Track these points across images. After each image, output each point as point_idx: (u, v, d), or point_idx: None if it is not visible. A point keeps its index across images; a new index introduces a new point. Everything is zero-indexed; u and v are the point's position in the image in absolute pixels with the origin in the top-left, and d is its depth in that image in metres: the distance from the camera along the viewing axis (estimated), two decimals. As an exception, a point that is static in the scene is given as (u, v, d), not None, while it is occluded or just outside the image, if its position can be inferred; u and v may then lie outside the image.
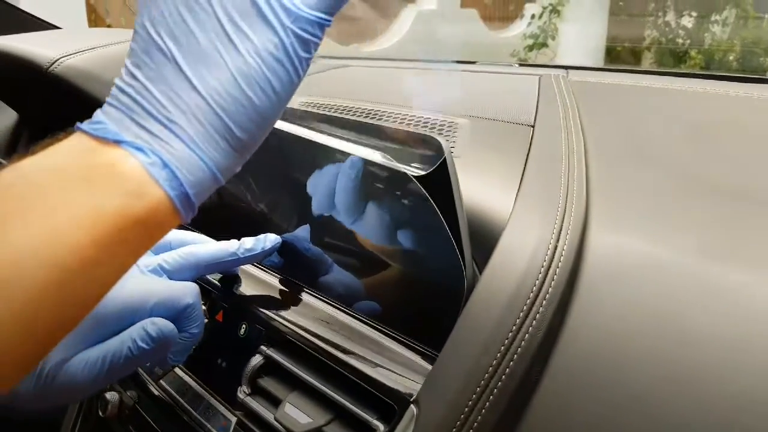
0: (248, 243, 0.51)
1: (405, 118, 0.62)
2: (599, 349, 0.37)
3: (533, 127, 0.56)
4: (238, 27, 0.28)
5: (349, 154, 0.46)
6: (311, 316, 0.50)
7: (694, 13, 5.20)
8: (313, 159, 0.51)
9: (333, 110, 0.69)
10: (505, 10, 7.55)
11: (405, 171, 0.43)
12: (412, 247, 0.45)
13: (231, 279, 0.56)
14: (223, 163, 0.29)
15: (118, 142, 0.27)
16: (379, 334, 0.47)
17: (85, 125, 0.28)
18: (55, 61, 0.77)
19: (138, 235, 0.28)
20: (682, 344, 0.35)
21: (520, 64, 0.92)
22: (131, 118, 0.28)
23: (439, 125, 0.60)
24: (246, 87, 0.28)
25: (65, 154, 0.28)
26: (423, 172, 0.43)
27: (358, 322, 0.48)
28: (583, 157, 0.50)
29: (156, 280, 0.46)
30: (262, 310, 0.52)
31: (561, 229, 0.41)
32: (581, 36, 5.29)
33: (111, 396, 0.57)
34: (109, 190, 0.27)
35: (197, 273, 0.49)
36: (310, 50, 0.29)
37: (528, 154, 0.51)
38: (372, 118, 0.64)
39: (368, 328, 0.47)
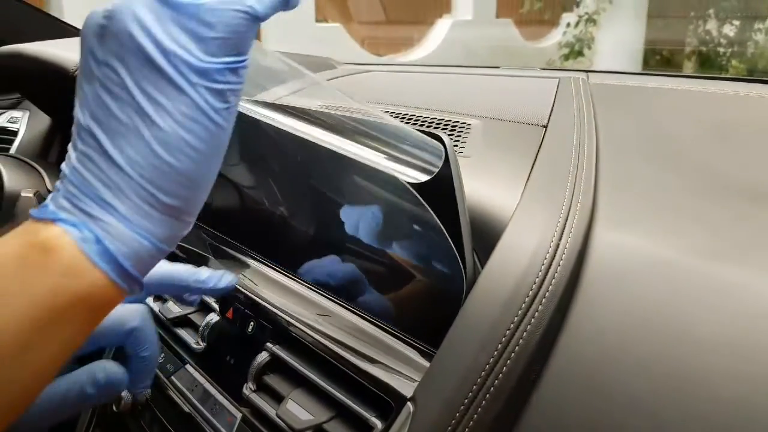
0: (203, 274, 0.48)
1: (419, 119, 0.62)
2: (600, 350, 0.36)
3: (546, 127, 0.56)
4: (151, 97, 0.28)
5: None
6: (316, 313, 0.50)
7: (735, 22, 5.09)
8: (322, 162, 0.51)
9: (349, 112, 0.69)
10: (541, 20, 7.49)
11: (408, 175, 0.43)
12: (412, 245, 0.45)
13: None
14: (161, 231, 0.29)
15: (54, 221, 0.28)
16: (380, 331, 0.47)
17: (33, 210, 0.29)
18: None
19: (79, 314, 0.28)
20: (685, 346, 0.34)
21: (543, 69, 0.91)
22: (68, 199, 0.28)
23: (452, 126, 0.59)
24: (165, 153, 0.28)
25: (11, 237, 0.28)
26: (427, 176, 0.42)
27: (360, 319, 0.48)
28: (594, 155, 0.49)
29: None
30: (269, 307, 0.52)
31: (564, 227, 0.41)
32: (618, 45, 5.22)
33: (125, 392, 0.58)
34: (41, 270, 0.27)
35: (143, 295, 0.48)
36: (228, 99, 0.29)
37: (537, 153, 0.50)
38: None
39: (370, 325, 0.47)
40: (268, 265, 0.58)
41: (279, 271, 0.57)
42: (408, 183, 0.42)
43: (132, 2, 0.28)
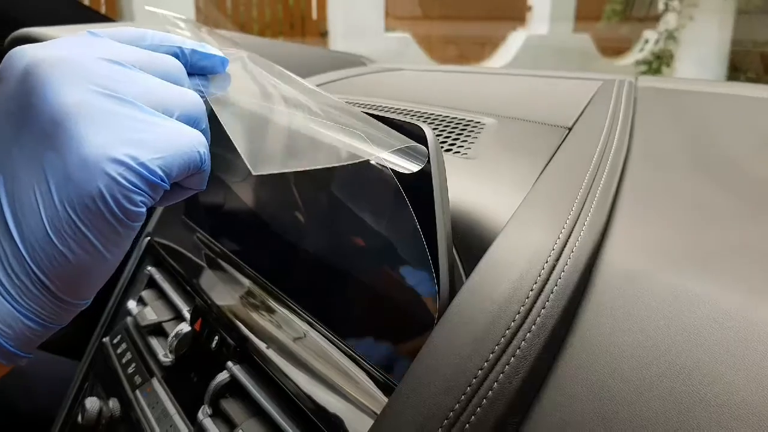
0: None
1: (429, 117, 0.55)
2: (592, 410, 0.28)
3: (570, 129, 0.47)
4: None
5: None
6: (283, 333, 0.44)
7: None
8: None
9: (363, 108, 0.63)
10: (621, 35, 7.23)
11: (386, 165, 0.36)
12: (382, 255, 0.38)
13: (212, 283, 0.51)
14: (48, 314, 0.26)
15: None
16: (347, 359, 0.39)
17: None
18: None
19: None
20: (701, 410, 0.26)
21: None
22: None
23: (464, 124, 0.52)
24: (57, 241, 0.25)
25: None
26: (406, 169, 0.35)
27: (329, 343, 0.41)
28: (621, 164, 0.41)
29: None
30: (235, 322, 0.46)
31: (564, 247, 0.33)
32: (700, 64, 4.96)
33: (91, 403, 0.53)
34: None
35: None
36: (138, 204, 0.26)
37: (551, 158, 0.42)
38: (399, 115, 0.58)
39: (337, 351, 0.40)
40: (251, 278, 0.52)
41: (254, 280, 0.51)
42: (392, 174, 0.35)
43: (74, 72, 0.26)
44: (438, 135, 0.51)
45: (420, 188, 0.35)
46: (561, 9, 7.38)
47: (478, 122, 0.52)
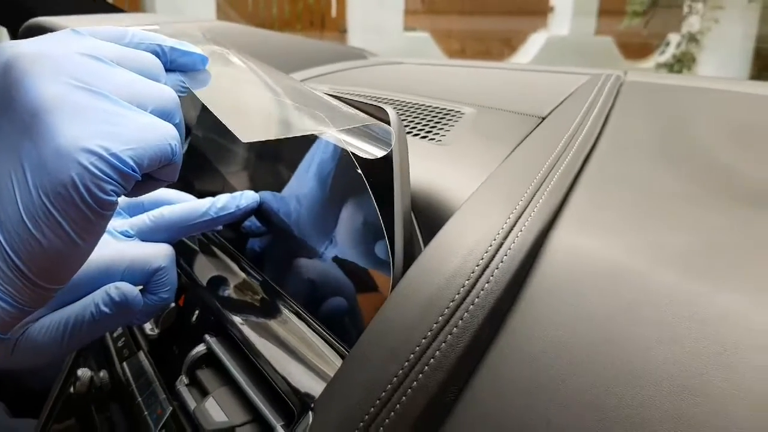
0: (221, 201, 0.47)
1: (414, 105, 0.57)
2: (532, 378, 0.30)
3: (543, 119, 0.49)
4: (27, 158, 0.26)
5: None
6: (255, 306, 0.46)
7: None
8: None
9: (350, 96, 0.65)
10: (643, 38, 7.16)
11: (347, 148, 0.38)
12: (343, 227, 0.40)
13: (200, 262, 0.53)
14: (24, 297, 0.28)
15: None
16: (310, 330, 0.41)
17: None
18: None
19: None
20: (635, 381, 0.27)
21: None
22: None
23: (444, 113, 0.54)
24: (32, 227, 0.26)
25: None
26: (368, 153, 0.37)
27: (295, 316, 0.43)
28: (586, 151, 0.42)
29: (128, 243, 0.43)
30: (213, 296, 0.48)
31: (514, 226, 0.34)
32: (722, 68, 4.90)
33: (82, 373, 0.55)
34: None
35: (171, 235, 0.46)
36: (110, 193, 0.27)
37: (518, 145, 0.44)
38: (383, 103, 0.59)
39: (302, 322, 0.42)
40: (231, 255, 0.54)
41: (234, 257, 0.53)
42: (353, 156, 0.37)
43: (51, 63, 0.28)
44: (418, 123, 0.53)
45: (383, 167, 0.37)
46: (583, 9, 7.31)
47: (458, 111, 0.53)
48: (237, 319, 0.44)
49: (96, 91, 0.28)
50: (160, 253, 0.42)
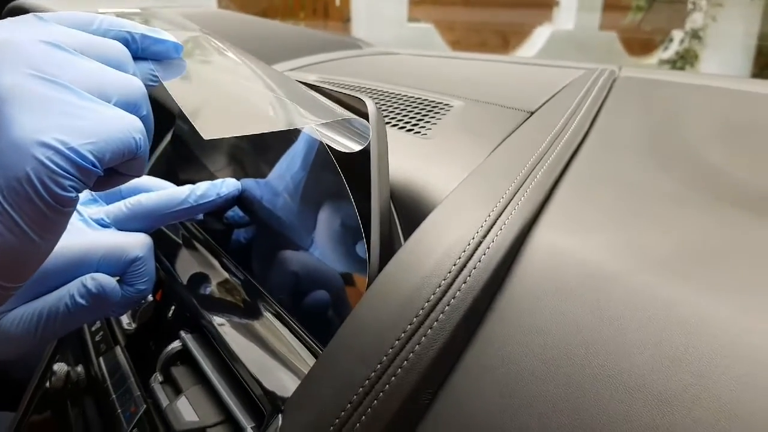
0: (201, 188, 0.46)
1: (402, 97, 0.56)
2: (509, 382, 0.28)
3: (532, 113, 0.48)
4: None
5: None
6: (233, 304, 0.45)
7: None
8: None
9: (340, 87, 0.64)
10: (647, 34, 7.11)
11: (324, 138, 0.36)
12: (322, 222, 0.39)
13: (178, 251, 0.52)
14: None
15: None
16: (285, 328, 0.40)
17: None
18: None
19: None
20: (613, 390, 0.26)
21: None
22: None
23: (432, 106, 0.52)
24: None
25: None
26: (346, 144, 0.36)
27: (271, 314, 0.42)
28: (574, 147, 0.41)
29: (103, 232, 0.42)
30: (190, 292, 0.47)
31: (495, 223, 0.33)
32: (724, 63, 4.87)
33: (59, 368, 0.54)
34: None
35: (148, 223, 0.44)
36: (68, 189, 0.26)
37: (504, 139, 0.42)
38: (373, 96, 0.58)
39: (278, 321, 0.41)
40: (212, 250, 0.53)
41: (214, 252, 0.52)
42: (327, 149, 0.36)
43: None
44: (405, 115, 0.51)
45: (362, 161, 0.35)
46: (588, 3, 7.27)
47: (447, 104, 0.52)
48: (213, 317, 0.43)
49: (56, 82, 0.27)
50: (138, 242, 0.41)
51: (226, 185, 0.47)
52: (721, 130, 0.45)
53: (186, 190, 0.45)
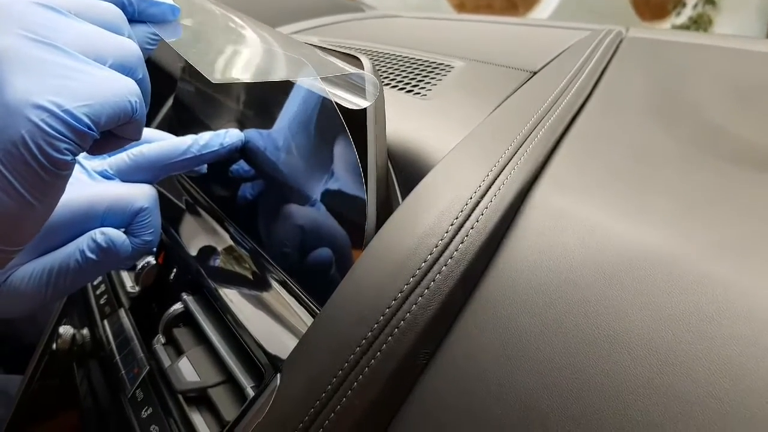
0: (204, 138, 0.45)
1: (403, 58, 0.55)
2: (505, 341, 0.28)
3: (534, 73, 0.47)
4: None
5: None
6: (234, 266, 0.45)
7: None
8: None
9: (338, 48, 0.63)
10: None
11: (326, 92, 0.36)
12: (319, 181, 0.39)
13: (179, 214, 0.52)
14: None
15: None
16: (285, 290, 0.40)
17: None
18: None
19: None
20: (614, 353, 0.26)
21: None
22: None
23: (433, 66, 0.51)
24: None
25: None
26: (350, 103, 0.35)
27: (270, 276, 0.42)
28: (576, 108, 0.40)
29: (108, 184, 0.41)
30: (191, 255, 0.47)
31: (492, 184, 0.33)
32: (738, 30, 4.78)
33: (64, 330, 0.55)
34: None
35: (152, 174, 0.44)
36: (62, 151, 0.25)
37: (505, 99, 0.42)
38: (373, 57, 0.57)
39: (278, 284, 0.41)
40: (212, 213, 0.53)
41: (219, 220, 0.52)
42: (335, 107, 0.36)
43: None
44: (405, 77, 0.51)
45: (358, 119, 0.35)
46: (599, -34, 7.12)
47: (447, 65, 0.51)
48: (214, 279, 0.43)
49: (50, 44, 0.26)
50: (142, 193, 0.40)
51: (230, 135, 0.47)
52: (733, 91, 0.45)
53: (189, 140, 0.45)
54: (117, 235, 0.38)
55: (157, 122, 0.71)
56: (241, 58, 0.33)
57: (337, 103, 0.36)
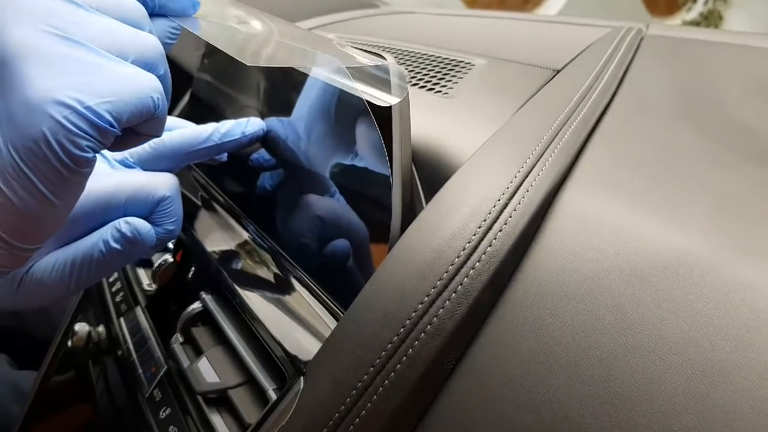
0: (226, 126, 0.45)
1: (423, 56, 0.54)
2: (534, 348, 0.28)
3: (558, 71, 0.46)
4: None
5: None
6: (254, 265, 0.44)
7: None
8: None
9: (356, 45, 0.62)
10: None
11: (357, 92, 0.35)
12: (347, 188, 0.38)
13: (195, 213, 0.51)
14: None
15: None
16: (305, 290, 0.40)
17: None
18: None
19: None
20: (648, 364, 0.25)
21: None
22: None
23: (454, 64, 0.51)
24: (3, 186, 0.24)
25: None
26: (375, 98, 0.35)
27: (292, 276, 0.42)
28: (602, 107, 0.40)
29: (129, 173, 0.41)
30: (209, 253, 0.46)
31: (520, 185, 0.32)
32: (749, 27, 4.73)
33: (80, 327, 0.54)
34: None
35: (173, 162, 0.44)
36: (86, 150, 0.25)
37: (530, 98, 0.41)
38: (392, 55, 0.57)
39: (299, 284, 0.40)
40: (231, 212, 0.52)
41: (232, 211, 0.51)
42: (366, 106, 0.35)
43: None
44: (425, 75, 0.50)
45: (383, 120, 0.34)
46: (609, -39, 7.07)
47: (468, 63, 0.50)
48: (233, 278, 0.43)
49: (71, 39, 0.26)
50: (164, 181, 0.40)
51: (251, 124, 0.46)
52: (757, 89, 0.44)
53: (210, 128, 0.44)
54: (142, 224, 0.37)
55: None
56: (269, 47, 0.33)
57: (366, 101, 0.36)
